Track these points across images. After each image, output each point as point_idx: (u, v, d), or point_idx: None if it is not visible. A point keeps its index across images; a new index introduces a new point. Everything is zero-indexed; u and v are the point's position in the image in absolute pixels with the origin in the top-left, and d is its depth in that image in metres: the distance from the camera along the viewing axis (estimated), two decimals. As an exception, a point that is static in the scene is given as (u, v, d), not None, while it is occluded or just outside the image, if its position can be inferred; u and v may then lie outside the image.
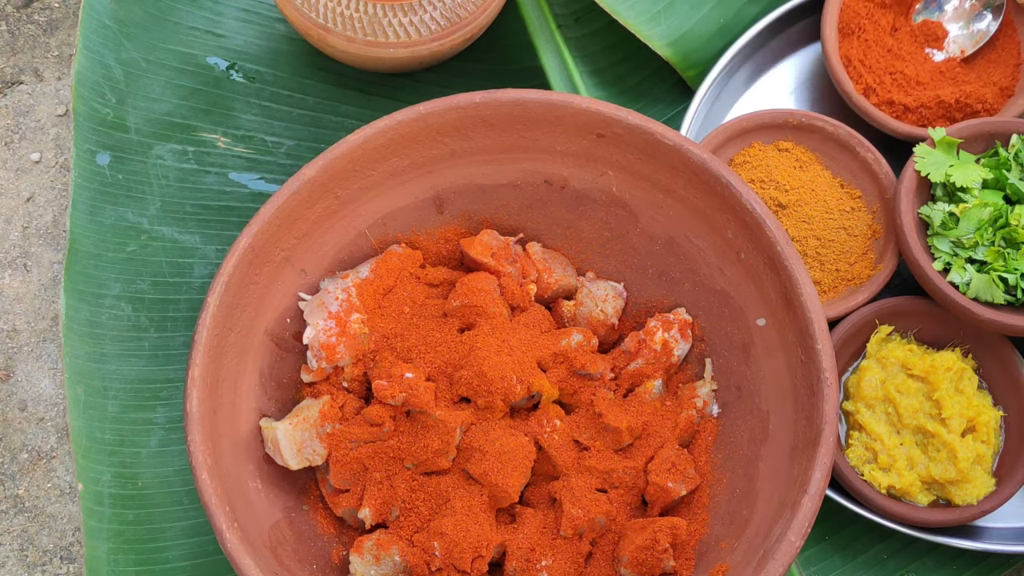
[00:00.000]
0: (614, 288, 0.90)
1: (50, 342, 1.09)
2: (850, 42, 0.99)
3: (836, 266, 0.93)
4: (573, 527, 0.79)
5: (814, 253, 0.93)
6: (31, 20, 1.21)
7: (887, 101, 0.97)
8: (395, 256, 0.88)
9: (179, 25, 1.08)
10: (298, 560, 0.80)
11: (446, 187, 0.89)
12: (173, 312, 0.99)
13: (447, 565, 0.79)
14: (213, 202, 1.02)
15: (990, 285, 0.86)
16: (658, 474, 0.81)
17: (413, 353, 0.84)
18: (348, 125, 1.07)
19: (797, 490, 0.73)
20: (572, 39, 1.09)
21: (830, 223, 0.93)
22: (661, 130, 0.83)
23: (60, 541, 1.02)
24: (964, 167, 0.89)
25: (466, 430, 0.82)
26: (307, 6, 0.96)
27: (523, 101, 0.85)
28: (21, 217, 1.13)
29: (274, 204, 0.81)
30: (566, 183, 0.89)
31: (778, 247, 0.79)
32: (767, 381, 0.82)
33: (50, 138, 1.17)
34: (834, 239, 0.93)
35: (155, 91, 1.05)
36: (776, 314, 0.81)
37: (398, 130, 0.84)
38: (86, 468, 0.92)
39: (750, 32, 1.03)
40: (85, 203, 1.00)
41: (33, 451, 1.05)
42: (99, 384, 0.95)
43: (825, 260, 0.93)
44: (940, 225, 0.88)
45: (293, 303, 0.86)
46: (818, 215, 0.93)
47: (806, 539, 0.74)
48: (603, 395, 0.84)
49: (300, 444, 0.81)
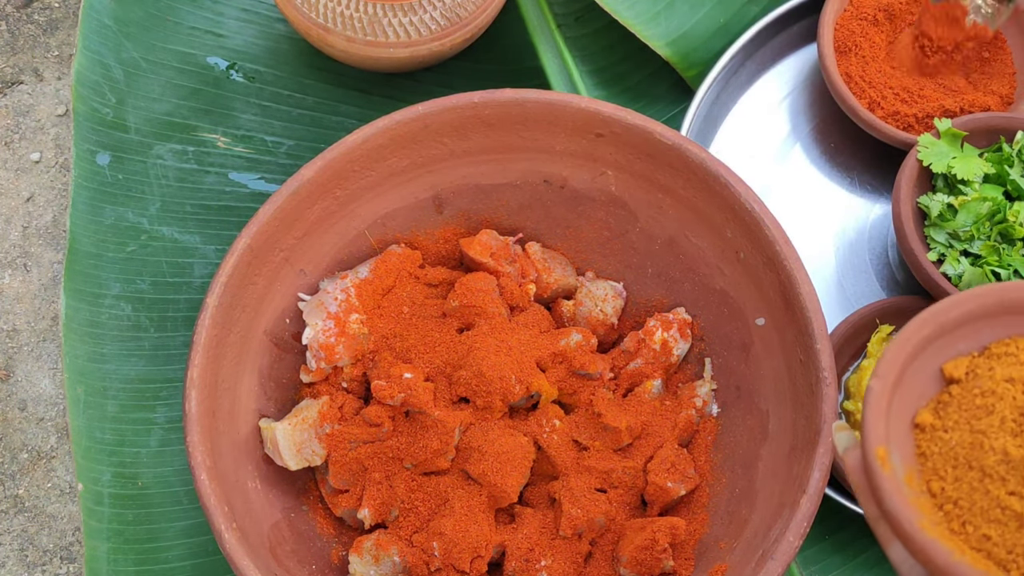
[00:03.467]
0: (614, 288, 0.90)
1: (50, 342, 1.09)
2: (848, 59, 0.99)
3: None
4: (572, 527, 0.79)
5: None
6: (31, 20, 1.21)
7: (892, 113, 0.97)
8: (394, 256, 0.88)
9: (179, 25, 1.08)
10: (297, 560, 0.80)
11: (445, 187, 0.89)
12: (173, 312, 0.99)
13: (446, 565, 0.79)
14: (213, 202, 1.03)
15: (983, 279, 0.86)
16: (657, 474, 0.81)
17: (412, 353, 0.84)
18: (348, 125, 1.07)
19: (796, 490, 0.73)
20: (572, 39, 1.09)
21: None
22: (660, 129, 0.83)
23: (60, 541, 1.02)
24: (967, 160, 0.89)
25: (465, 430, 0.82)
26: (307, 6, 0.96)
27: (522, 101, 0.85)
28: (21, 217, 1.13)
29: (273, 204, 0.81)
30: (565, 183, 0.89)
31: (777, 246, 0.79)
32: (766, 381, 0.82)
33: (50, 138, 1.17)
34: None
35: (155, 91, 1.05)
36: (775, 314, 0.81)
37: (397, 130, 0.84)
38: (86, 468, 0.92)
39: (750, 32, 1.03)
40: (85, 203, 1.00)
41: (33, 451, 1.05)
42: (99, 384, 0.95)
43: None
44: (938, 216, 0.88)
45: (292, 303, 0.86)
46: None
47: (805, 539, 0.74)
48: (602, 395, 0.84)
49: (299, 444, 0.81)
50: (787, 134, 1.04)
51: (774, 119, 1.05)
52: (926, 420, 0.57)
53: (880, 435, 0.53)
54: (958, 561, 0.49)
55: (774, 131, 1.04)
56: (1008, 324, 0.58)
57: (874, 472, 0.52)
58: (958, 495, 0.53)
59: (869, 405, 0.54)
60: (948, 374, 0.58)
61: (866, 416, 0.54)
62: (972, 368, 0.58)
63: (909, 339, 0.56)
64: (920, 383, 0.58)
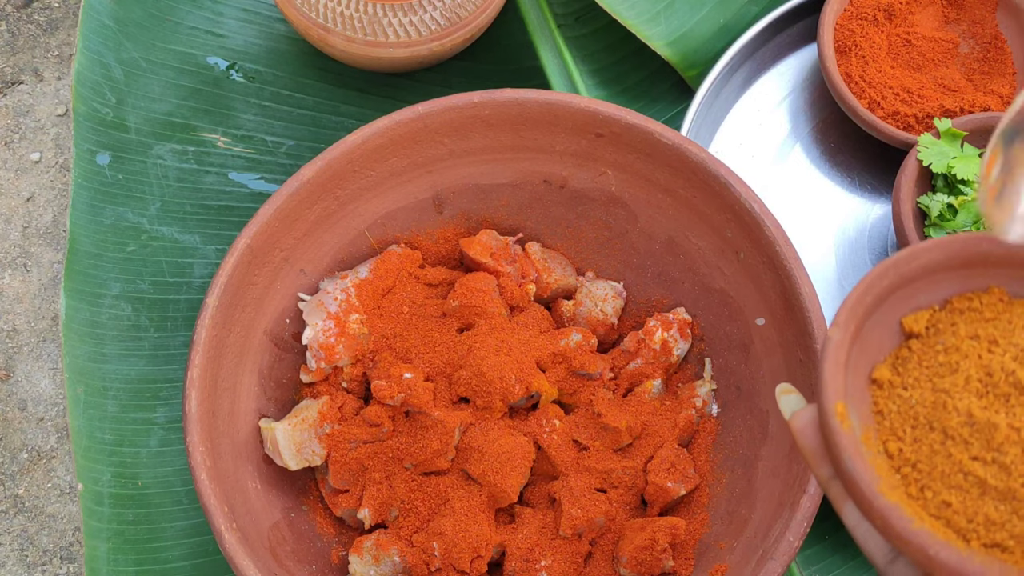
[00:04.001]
0: (614, 288, 0.90)
1: (50, 342, 1.09)
2: (848, 59, 0.99)
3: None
4: (572, 527, 0.79)
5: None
6: (31, 20, 1.21)
7: (892, 113, 0.97)
8: (394, 256, 0.88)
9: (179, 25, 1.08)
10: (297, 560, 0.80)
11: (445, 187, 0.89)
12: (173, 312, 0.99)
13: (446, 565, 0.79)
14: (213, 202, 1.03)
15: None
16: (657, 474, 0.81)
17: (412, 353, 0.84)
18: (348, 125, 1.07)
19: (796, 490, 0.73)
20: (572, 39, 1.09)
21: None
22: (660, 129, 0.83)
23: (60, 541, 1.02)
24: (967, 160, 0.89)
25: (465, 430, 0.82)
26: (307, 6, 0.96)
27: (521, 101, 0.85)
28: (21, 217, 1.13)
29: (273, 204, 0.81)
30: (565, 183, 0.89)
31: (777, 246, 0.79)
32: (767, 381, 0.82)
33: (50, 138, 1.17)
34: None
35: (155, 91, 1.05)
36: (775, 313, 0.81)
37: (397, 130, 0.84)
38: (86, 468, 0.92)
39: (750, 32, 1.03)
40: (85, 203, 1.00)
41: (33, 451, 1.05)
42: (99, 384, 0.95)
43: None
44: (938, 216, 0.88)
45: (292, 303, 0.86)
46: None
47: (805, 539, 0.74)
48: (602, 395, 0.84)
49: (299, 445, 0.81)
50: (787, 134, 1.04)
51: (774, 119, 1.05)
52: (884, 376, 0.53)
53: (839, 390, 0.49)
54: (918, 529, 0.46)
55: (774, 131, 1.05)
56: (970, 277, 0.54)
57: (831, 429, 0.48)
58: (917, 457, 0.50)
59: (827, 357, 0.50)
60: (908, 328, 0.54)
61: (824, 369, 0.50)
62: (933, 323, 0.54)
63: (869, 289, 0.52)
64: (878, 336, 0.54)
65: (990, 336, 0.52)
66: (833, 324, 0.51)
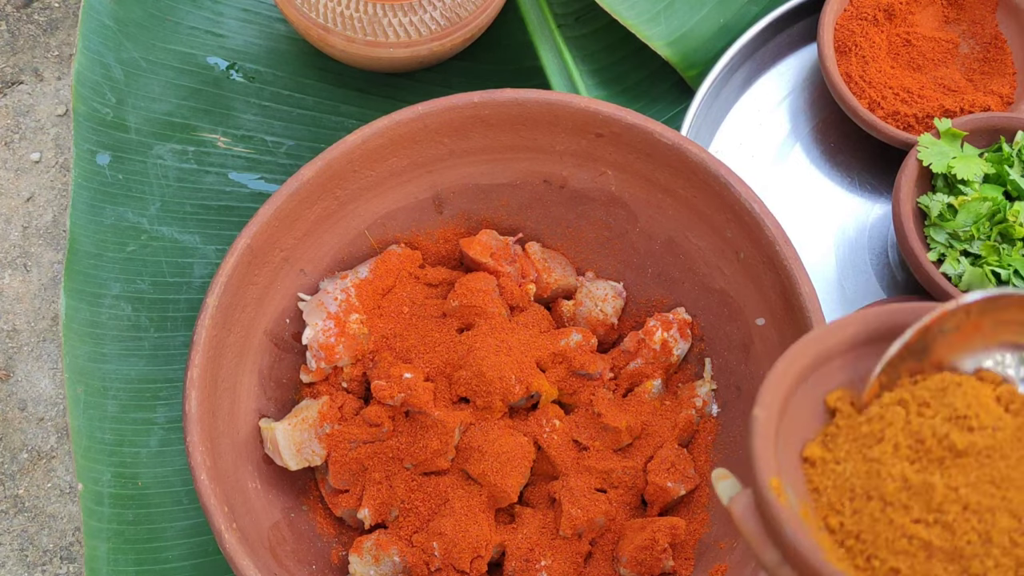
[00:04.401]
0: (613, 288, 0.90)
1: (50, 342, 1.09)
2: (848, 59, 0.99)
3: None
4: (572, 527, 0.79)
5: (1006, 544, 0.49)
6: (31, 20, 1.21)
7: (892, 113, 0.97)
8: (394, 256, 0.88)
9: (179, 25, 1.08)
10: (297, 560, 0.80)
11: (445, 187, 0.89)
12: (173, 312, 0.99)
13: (446, 565, 0.79)
14: (213, 202, 1.03)
15: (983, 279, 0.86)
16: (657, 474, 0.81)
17: (412, 353, 0.84)
18: (348, 125, 1.07)
19: (796, 490, 0.73)
20: (572, 39, 1.09)
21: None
22: (659, 129, 0.83)
23: (60, 541, 1.02)
24: (967, 160, 0.89)
25: (465, 430, 0.82)
26: (307, 6, 0.96)
27: (521, 101, 0.85)
28: (21, 217, 1.13)
29: (273, 204, 0.81)
30: (565, 183, 0.89)
31: (777, 246, 0.79)
32: (766, 381, 0.82)
33: (50, 138, 1.17)
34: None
35: (155, 91, 1.05)
36: (775, 314, 0.81)
37: (397, 130, 0.84)
38: (86, 468, 0.92)
39: (750, 32, 1.03)
40: (85, 203, 1.00)
41: (33, 451, 1.05)
42: (99, 384, 0.95)
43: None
44: (938, 216, 0.88)
45: (292, 303, 0.86)
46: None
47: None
48: (602, 395, 0.84)
49: (299, 445, 0.81)
50: (787, 134, 1.04)
51: (774, 119, 1.05)
52: (815, 453, 0.52)
53: (771, 466, 0.49)
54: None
55: (774, 131, 1.05)
56: (885, 351, 0.54)
57: (770, 504, 0.47)
58: (859, 528, 0.49)
59: (756, 435, 0.49)
60: (832, 405, 0.54)
61: (755, 447, 0.49)
62: (854, 397, 0.54)
63: (788, 369, 0.52)
64: (805, 414, 0.53)
65: (920, 399, 0.51)
66: (757, 404, 0.50)
